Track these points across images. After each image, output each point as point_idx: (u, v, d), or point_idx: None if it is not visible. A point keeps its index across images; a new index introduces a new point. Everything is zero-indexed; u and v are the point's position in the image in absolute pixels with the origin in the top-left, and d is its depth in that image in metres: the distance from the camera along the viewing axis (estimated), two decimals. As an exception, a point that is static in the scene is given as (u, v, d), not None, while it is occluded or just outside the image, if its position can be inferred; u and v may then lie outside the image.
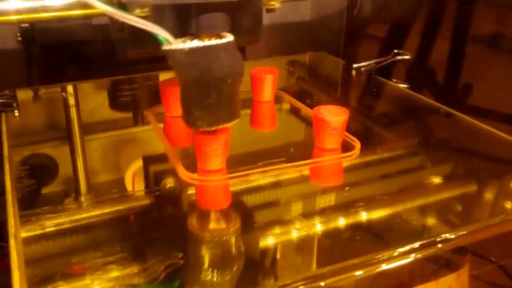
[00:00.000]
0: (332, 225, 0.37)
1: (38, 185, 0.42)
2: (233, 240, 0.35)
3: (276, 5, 0.40)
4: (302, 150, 0.50)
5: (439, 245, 0.33)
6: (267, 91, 0.57)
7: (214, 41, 0.35)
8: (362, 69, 0.67)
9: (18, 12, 0.36)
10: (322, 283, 0.31)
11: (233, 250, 0.34)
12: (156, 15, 0.34)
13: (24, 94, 0.59)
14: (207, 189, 0.42)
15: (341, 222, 0.37)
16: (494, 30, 0.85)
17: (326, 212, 0.38)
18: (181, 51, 0.35)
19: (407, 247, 0.32)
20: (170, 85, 0.51)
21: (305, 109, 0.55)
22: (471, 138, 0.51)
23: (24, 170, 0.44)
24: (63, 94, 0.61)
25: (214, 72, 0.35)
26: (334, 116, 0.44)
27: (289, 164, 0.43)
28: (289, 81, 0.68)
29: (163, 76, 0.63)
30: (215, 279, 0.31)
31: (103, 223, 0.38)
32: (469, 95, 1.00)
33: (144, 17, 0.33)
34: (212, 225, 0.37)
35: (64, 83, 0.62)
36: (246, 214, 0.38)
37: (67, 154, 0.49)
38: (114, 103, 0.61)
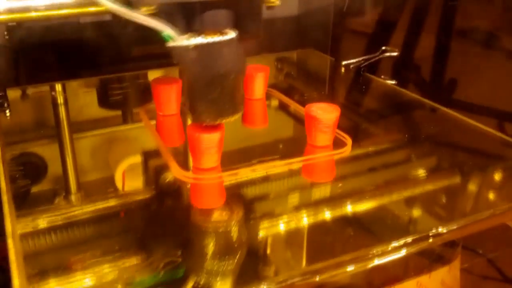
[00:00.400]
0: (322, 217, 0.37)
1: (29, 184, 0.42)
2: (234, 230, 0.36)
3: (277, 2, 0.40)
4: (294, 147, 0.50)
5: (431, 240, 0.34)
6: (259, 89, 0.57)
7: (217, 38, 0.36)
8: (351, 66, 0.67)
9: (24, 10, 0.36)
10: (317, 278, 0.31)
11: (235, 240, 0.35)
12: (161, 13, 0.34)
13: (13, 93, 0.59)
14: (202, 187, 0.42)
15: (330, 214, 0.38)
16: (478, 25, 0.86)
17: (318, 205, 0.39)
18: (186, 48, 0.35)
19: (400, 242, 0.33)
20: (162, 84, 0.51)
21: (296, 107, 0.55)
22: (455, 132, 0.52)
23: (15, 170, 0.44)
24: (52, 93, 0.61)
25: (218, 68, 0.36)
26: (325, 113, 0.45)
27: (282, 161, 0.44)
28: (279, 78, 0.69)
29: (152, 74, 0.64)
30: (217, 268, 0.31)
31: (99, 218, 0.38)
32: (454, 89, 1.02)
33: (150, 15, 0.33)
34: (215, 217, 0.37)
35: (53, 82, 0.62)
36: (243, 207, 0.39)
37: (57, 153, 0.49)
38: (104, 102, 0.61)
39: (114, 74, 0.65)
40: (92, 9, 0.35)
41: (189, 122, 0.45)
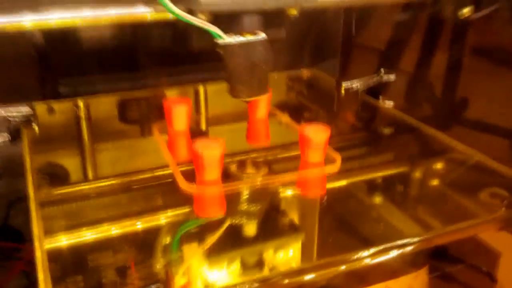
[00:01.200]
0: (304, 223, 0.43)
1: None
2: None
3: (295, 12, 0.51)
4: (291, 163, 0.55)
5: (399, 249, 0.39)
6: (262, 110, 0.62)
7: (253, 38, 0.48)
8: (352, 87, 0.72)
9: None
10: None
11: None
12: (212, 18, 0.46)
13: (40, 107, 0.65)
14: (204, 198, 0.48)
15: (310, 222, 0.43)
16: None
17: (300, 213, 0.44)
18: (234, 44, 0.47)
19: (370, 251, 0.38)
20: (172, 103, 0.57)
21: (294, 127, 0.61)
22: (438, 152, 0.57)
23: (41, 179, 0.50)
24: (75, 107, 0.67)
25: (254, 59, 0.48)
26: (317, 134, 0.50)
27: (277, 176, 0.50)
28: (282, 97, 0.74)
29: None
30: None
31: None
32: (465, 108, 1.05)
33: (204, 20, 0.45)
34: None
35: (76, 98, 0.69)
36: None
37: (79, 164, 0.55)
38: (125, 117, 0.67)
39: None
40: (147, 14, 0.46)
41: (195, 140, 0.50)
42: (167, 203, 0.47)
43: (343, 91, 0.73)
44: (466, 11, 0.60)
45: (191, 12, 0.45)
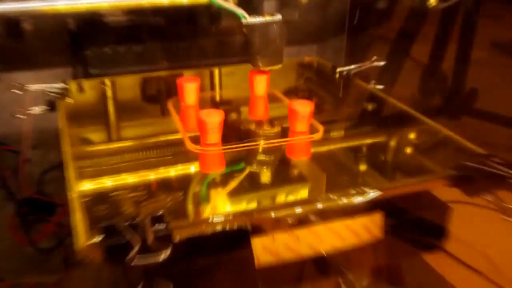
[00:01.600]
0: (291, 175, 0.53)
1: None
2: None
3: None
4: (283, 132, 0.65)
5: (360, 196, 0.48)
6: (261, 89, 0.72)
7: (272, 18, 0.60)
8: (344, 72, 0.82)
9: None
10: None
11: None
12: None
13: (72, 85, 0.76)
14: (207, 157, 0.58)
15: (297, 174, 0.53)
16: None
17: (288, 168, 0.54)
18: (256, 24, 0.60)
19: (334, 196, 0.48)
20: (183, 81, 0.68)
21: (286, 102, 0.71)
22: (409, 126, 0.67)
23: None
24: (102, 86, 0.78)
25: (272, 35, 0.60)
26: (302, 107, 0.60)
27: (268, 141, 0.59)
28: (287, 80, 0.84)
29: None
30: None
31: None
32: (475, 99, 1.12)
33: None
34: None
35: (103, 77, 0.79)
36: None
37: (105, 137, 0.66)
38: (147, 96, 0.78)
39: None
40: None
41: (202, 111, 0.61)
42: (177, 160, 0.57)
43: (337, 75, 0.82)
44: (432, 1, 0.69)
45: None
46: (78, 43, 0.85)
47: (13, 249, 0.80)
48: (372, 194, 0.49)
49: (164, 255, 0.40)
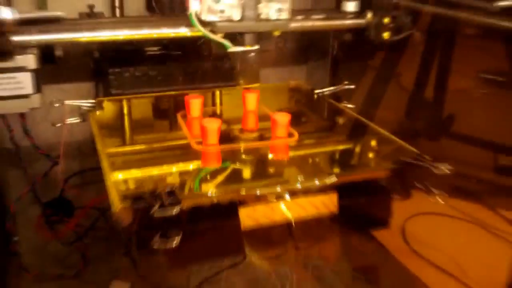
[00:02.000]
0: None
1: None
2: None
3: (277, 33, 0.81)
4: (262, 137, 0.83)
5: (319, 181, 0.66)
6: (252, 105, 0.90)
7: (251, 47, 0.76)
8: (320, 94, 1.00)
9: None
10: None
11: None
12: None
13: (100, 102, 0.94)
14: (207, 154, 0.76)
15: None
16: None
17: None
18: (237, 51, 0.76)
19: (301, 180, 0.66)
20: (190, 98, 0.86)
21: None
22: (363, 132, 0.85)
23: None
24: (124, 102, 0.96)
25: (250, 61, 0.77)
26: (281, 118, 0.78)
27: (255, 143, 0.78)
28: (273, 100, 1.03)
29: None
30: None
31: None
32: (452, 124, 1.26)
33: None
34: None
35: (123, 96, 0.97)
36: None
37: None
38: (160, 109, 0.96)
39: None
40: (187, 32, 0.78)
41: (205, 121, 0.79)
42: (184, 157, 0.76)
43: (315, 96, 1.00)
44: (385, 35, 0.86)
45: (213, 32, 0.74)
46: (101, 67, 1.03)
47: (37, 246, 0.91)
48: (330, 179, 0.67)
49: (175, 210, 0.57)
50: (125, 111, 0.95)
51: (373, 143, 0.82)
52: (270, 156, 0.77)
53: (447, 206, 0.87)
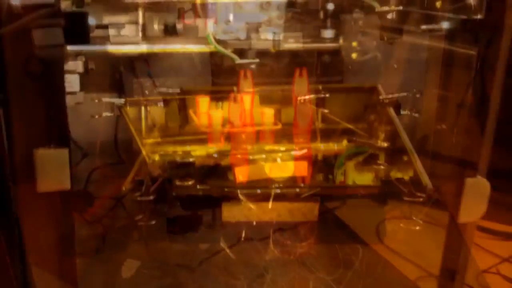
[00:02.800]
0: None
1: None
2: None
3: (273, 50, 1.04)
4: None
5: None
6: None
7: (252, 60, 1.00)
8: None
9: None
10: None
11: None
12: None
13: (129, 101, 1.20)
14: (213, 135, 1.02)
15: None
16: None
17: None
18: (241, 63, 0.99)
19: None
20: (199, 97, 1.12)
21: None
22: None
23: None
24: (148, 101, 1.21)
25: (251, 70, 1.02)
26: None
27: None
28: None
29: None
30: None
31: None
32: (426, 142, 1.28)
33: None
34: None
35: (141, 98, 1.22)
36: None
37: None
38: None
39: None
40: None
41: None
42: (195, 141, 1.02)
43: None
44: (354, 55, 1.11)
45: (224, 47, 0.99)
46: (124, 75, 1.28)
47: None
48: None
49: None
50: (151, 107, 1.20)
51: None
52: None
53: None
